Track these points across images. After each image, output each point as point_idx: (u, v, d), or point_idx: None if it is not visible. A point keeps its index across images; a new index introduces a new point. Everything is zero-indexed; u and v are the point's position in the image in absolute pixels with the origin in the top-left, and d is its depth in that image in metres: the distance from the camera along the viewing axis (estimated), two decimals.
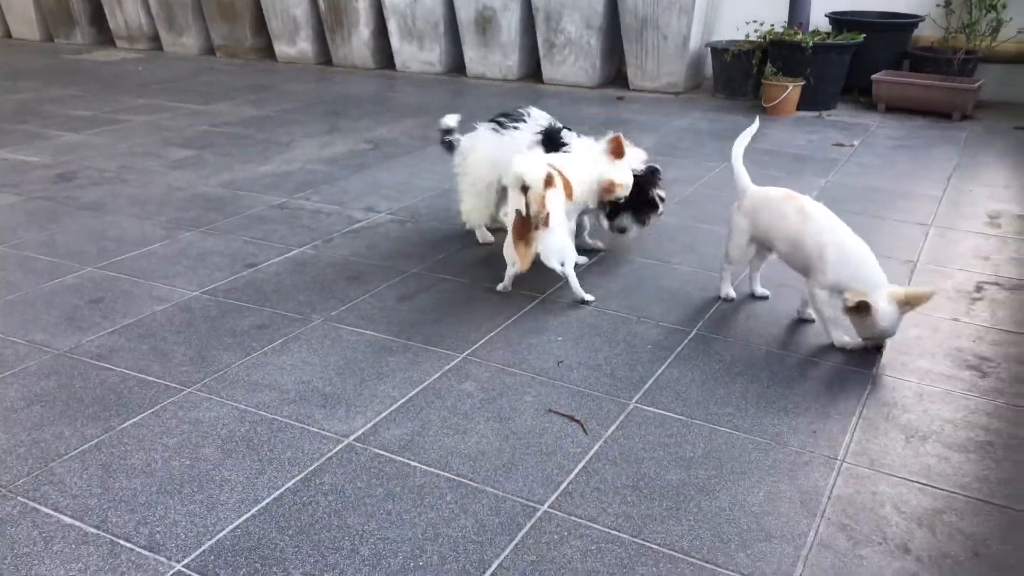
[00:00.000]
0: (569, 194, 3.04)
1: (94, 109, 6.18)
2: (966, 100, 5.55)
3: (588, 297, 3.02)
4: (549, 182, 2.82)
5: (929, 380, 2.50)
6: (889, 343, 2.68)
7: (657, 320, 2.87)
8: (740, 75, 6.10)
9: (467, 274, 3.24)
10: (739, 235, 2.93)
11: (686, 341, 2.73)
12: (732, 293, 3.04)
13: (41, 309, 2.94)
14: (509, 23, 6.87)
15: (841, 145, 5.02)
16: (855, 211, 3.92)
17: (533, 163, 2.83)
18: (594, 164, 3.14)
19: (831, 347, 2.69)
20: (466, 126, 3.56)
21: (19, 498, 1.97)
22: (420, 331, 2.78)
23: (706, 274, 3.24)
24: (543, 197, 2.80)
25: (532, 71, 7.16)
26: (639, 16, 6.36)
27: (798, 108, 5.77)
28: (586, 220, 3.52)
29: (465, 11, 7.01)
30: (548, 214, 2.83)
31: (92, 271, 3.27)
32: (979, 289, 3.12)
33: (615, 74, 6.98)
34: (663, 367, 2.57)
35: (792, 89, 5.65)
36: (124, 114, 6.01)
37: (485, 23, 6.98)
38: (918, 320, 2.86)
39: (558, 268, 2.96)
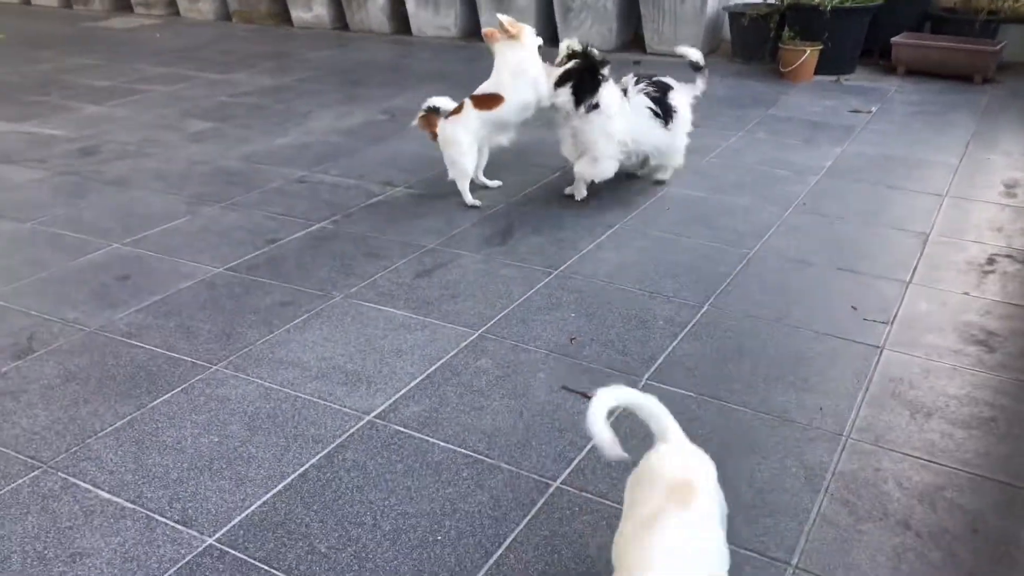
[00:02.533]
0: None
1: (114, 79, 6.24)
2: (988, 62, 5.48)
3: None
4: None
5: (936, 355, 2.55)
6: (900, 317, 2.74)
7: (669, 295, 2.93)
8: (757, 39, 6.05)
9: (482, 249, 3.30)
10: None
11: (697, 316, 2.78)
12: None
13: (72, 287, 3.04)
14: None
15: (858, 111, 4.99)
16: (870, 181, 3.94)
17: None
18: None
19: (841, 322, 2.73)
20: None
21: (60, 474, 2.08)
22: (437, 308, 2.85)
23: (718, 247, 3.28)
24: None
25: (549, 35, 7.09)
26: None
27: (816, 73, 5.72)
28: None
29: None
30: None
31: (119, 248, 3.36)
32: (991, 262, 3.14)
33: (632, 38, 6.93)
34: (675, 343, 2.63)
35: (810, 54, 5.60)
36: (143, 84, 6.06)
37: None
38: (928, 294, 2.90)
39: None
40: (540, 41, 3.70)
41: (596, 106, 3.48)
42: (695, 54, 3.84)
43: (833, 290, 2.95)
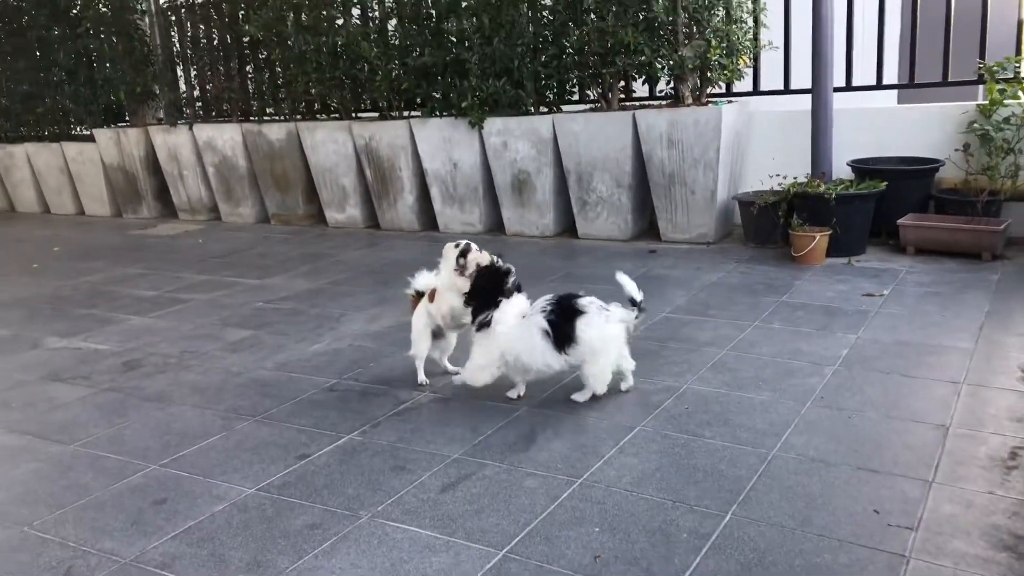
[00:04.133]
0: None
1: (158, 288, 6.61)
2: (994, 241, 5.65)
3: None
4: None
5: (965, 564, 2.53)
6: (925, 521, 2.73)
7: (692, 504, 2.95)
8: (768, 225, 6.31)
9: (506, 458, 3.38)
10: None
11: (720, 527, 2.80)
12: None
13: (110, 514, 3.14)
14: (543, 185, 7.26)
15: (871, 295, 5.12)
16: (886, 369, 4.01)
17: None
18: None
19: (865, 528, 2.73)
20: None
21: None
22: (462, 525, 2.90)
23: (738, 448, 3.33)
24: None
25: (567, 227, 7.48)
26: (666, 173, 6.68)
27: (827, 255, 5.92)
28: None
29: (502, 175, 7.44)
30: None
31: (156, 469, 3.49)
32: (1014, 456, 3.15)
33: (647, 226, 7.25)
34: (699, 558, 2.64)
35: (819, 239, 5.82)
36: (185, 292, 6.41)
37: (521, 185, 7.37)
38: (952, 494, 2.90)
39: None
40: (465, 259, 3.99)
41: (488, 324, 3.77)
42: (629, 286, 3.79)
43: (854, 492, 2.96)
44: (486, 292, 3.82)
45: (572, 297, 3.74)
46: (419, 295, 4.25)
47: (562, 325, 3.67)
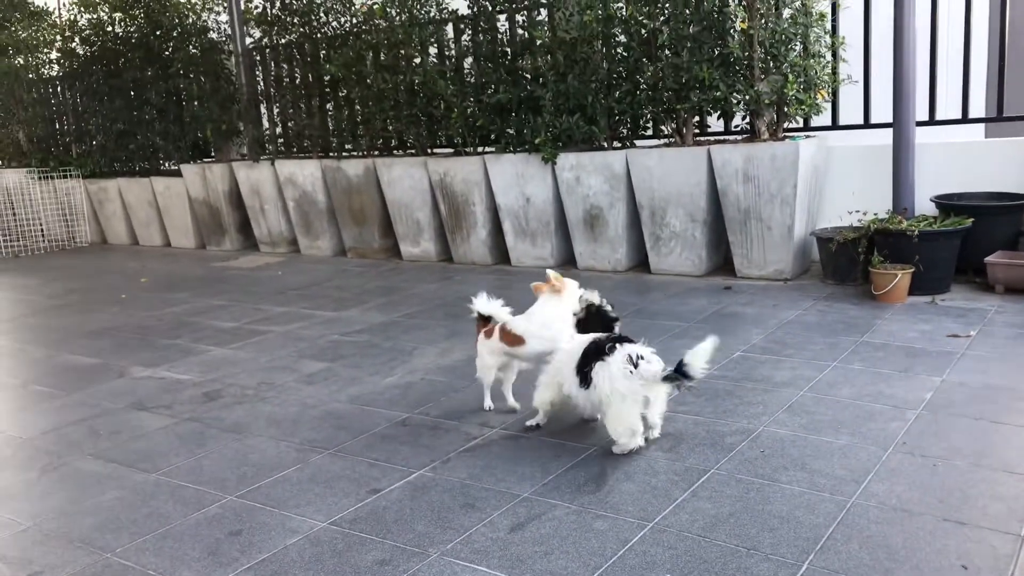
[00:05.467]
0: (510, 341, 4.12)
1: (238, 319, 6.80)
2: None
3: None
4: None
5: None
6: None
7: (767, 552, 2.87)
8: (847, 262, 6.16)
9: (576, 499, 3.35)
10: None
11: None
12: None
13: (188, 543, 3.23)
14: (616, 220, 7.25)
15: (957, 336, 4.94)
16: (973, 415, 3.85)
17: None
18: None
19: None
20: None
21: None
22: (531, 567, 2.88)
23: (815, 495, 3.23)
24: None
25: (639, 262, 7.44)
26: (741, 209, 6.59)
27: (910, 294, 5.73)
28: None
29: (574, 211, 7.45)
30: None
31: (232, 500, 3.57)
32: None
33: (722, 261, 7.16)
34: None
35: (901, 277, 5.65)
36: (264, 324, 6.58)
37: (593, 220, 7.37)
38: None
39: None
40: (580, 293, 4.11)
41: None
42: (697, 355, 3.49)
43: (940, 545, 2.84)
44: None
45: (616, 340, 3.67)
46: (483, 318, 4.35)
47: (585, 362, 3.71)
